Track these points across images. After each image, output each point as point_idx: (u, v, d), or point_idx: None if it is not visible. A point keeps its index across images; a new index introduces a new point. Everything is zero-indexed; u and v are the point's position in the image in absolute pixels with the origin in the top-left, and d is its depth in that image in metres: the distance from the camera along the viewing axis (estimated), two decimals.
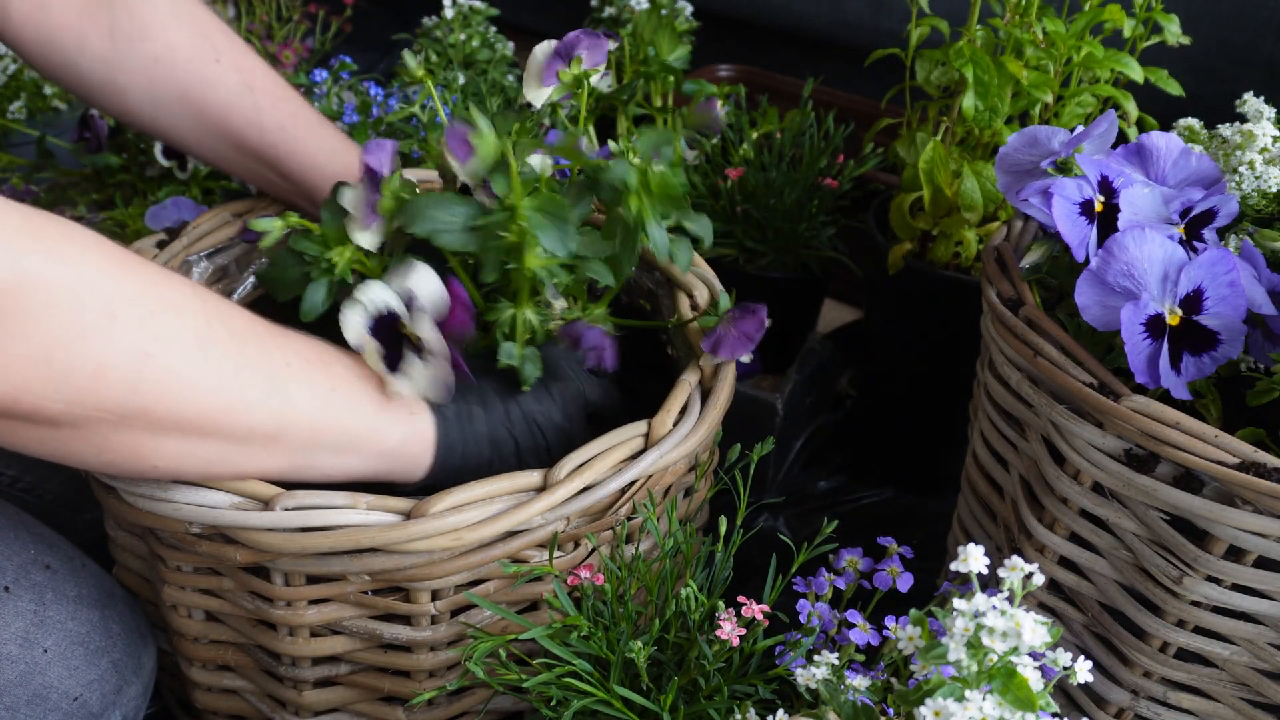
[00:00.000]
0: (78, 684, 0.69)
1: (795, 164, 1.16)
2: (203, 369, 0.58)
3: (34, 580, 0.70)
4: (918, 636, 0.54)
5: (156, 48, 0.80)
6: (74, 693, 0.69)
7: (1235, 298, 0.64)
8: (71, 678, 0.69)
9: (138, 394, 0.56)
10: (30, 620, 0.69)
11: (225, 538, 0.66)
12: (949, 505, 1.14)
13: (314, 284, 0.72)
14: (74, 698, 0.69)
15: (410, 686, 0.72)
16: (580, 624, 0.63)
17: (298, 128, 0.84)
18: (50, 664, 0.69)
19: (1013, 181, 0.76)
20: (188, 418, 0.58)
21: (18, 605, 0.69)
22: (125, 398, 0.55)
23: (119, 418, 0.56)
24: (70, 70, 0.80)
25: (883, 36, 1.62)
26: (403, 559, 0.65)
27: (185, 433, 0.59)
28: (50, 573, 0.71)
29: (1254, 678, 0.66)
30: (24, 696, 0.68)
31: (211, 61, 0.81)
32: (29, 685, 0.68)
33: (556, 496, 0.66)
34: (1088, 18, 0.92)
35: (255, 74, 0.83)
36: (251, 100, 0.83)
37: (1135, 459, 0.63)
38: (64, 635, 0.70)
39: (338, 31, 1.54)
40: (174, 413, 0.57)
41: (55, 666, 0.69)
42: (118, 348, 0.54)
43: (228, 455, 0.62)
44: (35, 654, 0.68)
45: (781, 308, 1.14)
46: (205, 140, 0.84)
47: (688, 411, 0.73)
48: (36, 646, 0.68)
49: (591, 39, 0.76)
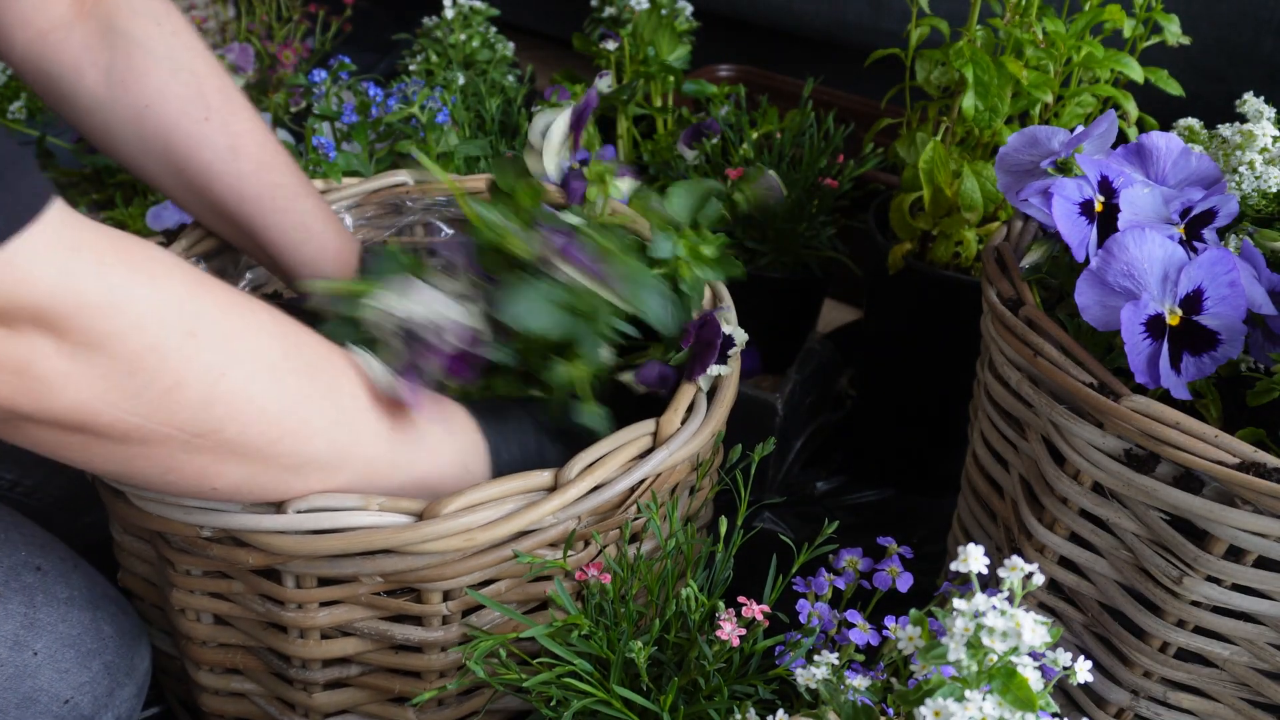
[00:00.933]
0: (69, 686, 0.69)
1: (795, 164, 1.16)
2: (271, 392, 0.59)
3: (24, 582, 0.70)
4: (918, 636, 0.54)
5: (148, 96, 0.78)
6: (65, 695, 0.69)
7: (1235, 298, 0.64)
8: (62, 680, 0.69)
9: (209, 411, 0.57)
10: (20, 623, 0.68)
11: (237, 541, 0.66)
12: (949, 505, 1.14)
13: None
14: (65, 700, 0.69)
15: (420, 687, 0.72)
16: (581, 623, 0.63)
17: (276, 200, 0.82)
18: (40, 667, 0.68)
19: (1013, 181, 0.76)
20: (252, 440, 0.59)
21: (7, 608, 0.68)
22: (196, 415, 0.56)
23: (190, 435, 0.57)
24: (67, 105, 0.79)
25: (883, 36, 1.62)
26: (415, 560, 0.65)
27: (248, 456, 0.60)
28: (41, 575, 0.71)
29: (1254, 678, 0.66)
30: (14, 700, 0.67)
31: (201, 119, 0.79)
32: (19, 688, 0.68)
33: (568, 495, 0.66)
34: (1088, 18, 0.92)
35: (244, 138, 0.81)
36: (235, 166, 0.81)
37: (1135, 459, 0.63)
38: (54, 638, 0.69)
39: (338, 31, 1.54)
40: (241, 434, 0.58)
41: (46, 669, 0.69)
42: (195, 365, 0.55)
43: (285, 481, 0.63)
44: (25, 656, 0.68)
45: (781, 308, 1.14)
46: (186, 197, 0.83)
47: (694, 410, 0.73)
48: (26, 649, 0.68)
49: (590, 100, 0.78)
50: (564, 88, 1.21)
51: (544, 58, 2.12)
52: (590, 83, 1.21)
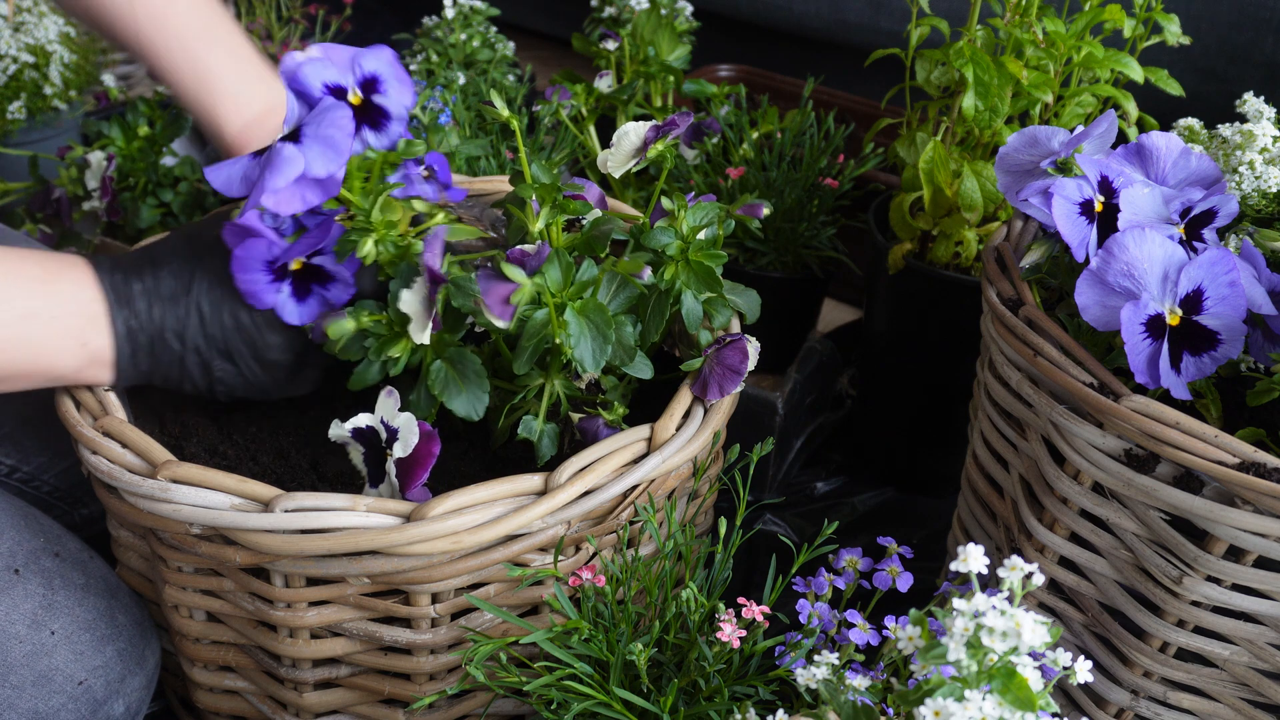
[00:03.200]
0: (83, 669, 0.70)
1: (795, 164, 1.16)
2: None
3: (43, 566, 0.71)
4: (918, 636, 0.54)
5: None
6: (79, 677, 0.70)
7: (1235, 298, 0.64)
8: (77, 662, 0.70)
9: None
10: (39, 603, 0.70)
11: (225, 539, 0.66)
12: (949, 505, 1.15)
13: (370, 361, 0.74)
14: (79, 681, 0.70)
15: (410, 689, 0.72)
16: (581, 627, 0.63)
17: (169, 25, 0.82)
18: (57, 646, 0.70)
19: (1013, 181, 0.76)
20: None
21: (27, 588, 0.69)
22: None
23: None
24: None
25: (883, 36, 1.62)
26: (402, 561, 0.65)
27: None
28: (59, 560, 0.72)
29: (1254, 678, 0.66)
30: (30, 677, 0.69)
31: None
32: (36, 666, 0.69)
33: (557, 500, 0.66)
34: (1088, 18, 0.92)
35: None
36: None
37: (1135, 459, 0.63)
38: (71, 620, 0.71)
39: (338, 31, 1.54)
40: None
41: (62, 649, 0.70)
42: None
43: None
44: (43, 635, 0.69)
45: (781, 308, 1.14)
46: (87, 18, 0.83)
47: (690, 416, 0.73)
48: (44, 628, 0.69)
49: (684, 119, 0.76)
50: (564, 88, 1.21)
51: (544, 58, 2.12)
52: (590, 83, 1.21)
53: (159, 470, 0.66)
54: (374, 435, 0.70)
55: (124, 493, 0.67)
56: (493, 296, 0.68)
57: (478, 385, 0.72)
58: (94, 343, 0.71)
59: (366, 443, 0.71)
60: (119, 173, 1.13)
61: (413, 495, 0.67)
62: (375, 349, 0.73)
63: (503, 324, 0.68)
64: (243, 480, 0.65)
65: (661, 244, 0.74)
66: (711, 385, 0.74)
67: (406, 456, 0.68)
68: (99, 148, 1.15)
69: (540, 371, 0.75)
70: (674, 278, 0.74)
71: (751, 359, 0.74)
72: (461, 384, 0.72)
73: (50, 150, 1.36)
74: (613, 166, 0.77)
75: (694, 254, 0.74)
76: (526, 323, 0.70)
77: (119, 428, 0.69)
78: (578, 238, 0.74)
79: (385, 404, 0.70)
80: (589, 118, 1.20)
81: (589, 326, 0.69)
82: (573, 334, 0.69)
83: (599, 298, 0.72)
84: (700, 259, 0.74)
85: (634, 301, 0.74)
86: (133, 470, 0.67)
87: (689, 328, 0.76)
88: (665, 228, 0.74)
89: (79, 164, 1.15)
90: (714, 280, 0.74)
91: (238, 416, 0.82)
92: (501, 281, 0.68)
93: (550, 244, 0.73)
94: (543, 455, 0.74)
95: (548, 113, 1.17)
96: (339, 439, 0.71)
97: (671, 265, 0.74)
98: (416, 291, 0.71)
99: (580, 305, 0.69)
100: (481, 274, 0.69)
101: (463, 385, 0.71)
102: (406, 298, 0.71)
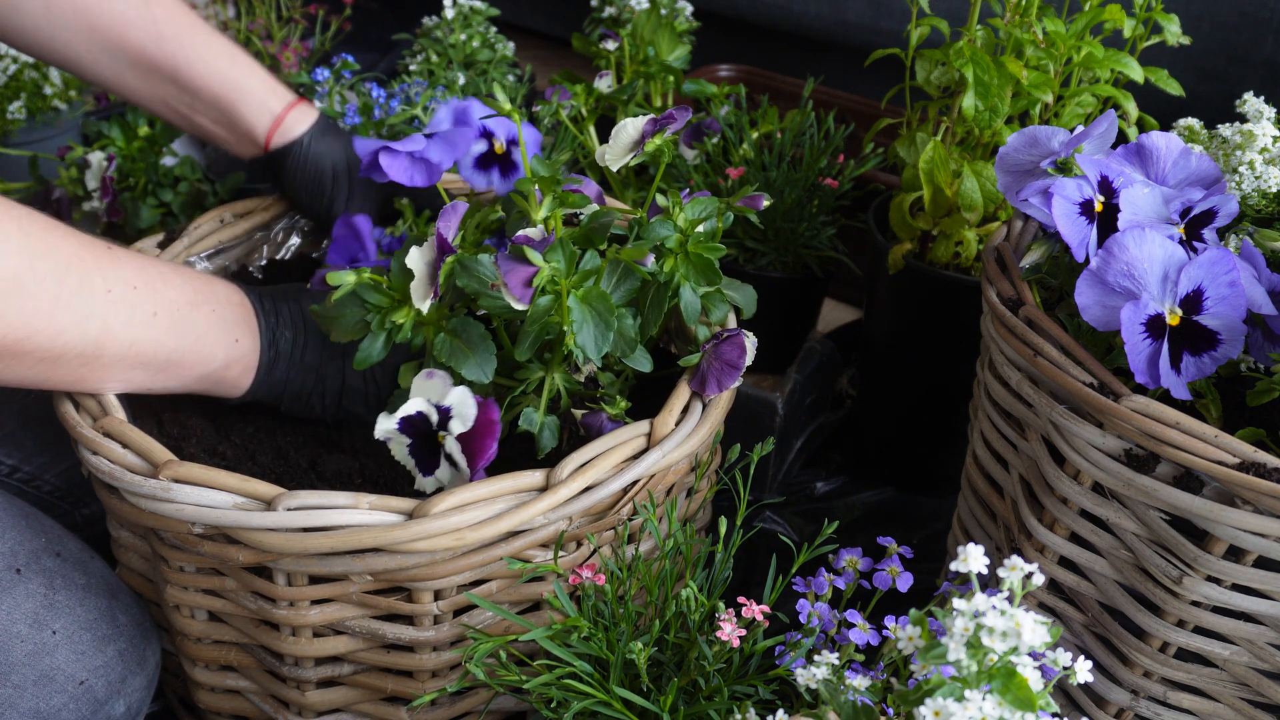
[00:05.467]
0: (84, 669, 0.70)
1: (795, 164, 1.16)
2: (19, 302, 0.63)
3: (44, 566, 0.71)
4: (918, 636, 0.54)
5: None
6: (80, 677, 0.70)
7: (1235, 298, 0.64)
8: (79, 662, 0.70)
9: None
10: (40, 602, 0.70)
11: (227, 538, 0.66)
12: (949, 505, 1.15)
13: (373, 334, 0.75)
14: (80, 681, 0.70)
15: (413, 687, 0.72)
16: (581, 625, 0.63)
17: (196, 36, 0.87)
18: (58, 645, 0.70)
19: (1013, 181, 0.76)
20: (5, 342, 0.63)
21: (28, 587, 0.70)
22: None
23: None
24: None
25: (883, 36, 1.62)
26: (405, 559, 0.65)
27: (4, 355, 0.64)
28: (61, 560, 0.72)
29: (1254, 678, 0.66)
30: (32, 676, 0.69)
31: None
32: (37, 665, 0.69)
33: (559, 496, 0.66)
34: (1088, 18, 0.92)
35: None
36: (149, 13, 0.85)
37: (1135, 459, 0.63)
38: (72, 619, 0.71)
39: (338, 31, 1.54)
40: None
41: (63, 649, 0.70)
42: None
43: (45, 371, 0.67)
44: (44, 635, 0.69)
45: (781, 308, 1.14)
46: (103, 59, 0.86)
47: (689, 412, 0.73)
48: (45, 628, 0.69)
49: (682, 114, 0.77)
50: (564, 88, 1.20)
51: (544, 58, 2.12)
52: (590, 83, 1.21)
53: (161, 470, 0.66)
54: (423, 421, 0.70)
55: (125, 493, 0.67)
56: (514, 278, 0.69)
57: (484, 349, 0.73)
58: (244, 341, 0.75)
59: (415, 432, 0.71)
60: (119, 173, 1.13)
61: (483, 469, 0.69)
62: (378, 320, 0.74)
63: (522, 306, 0.69)
64: (245, 479, 0.65)
65: (660, 236, 0.74)
66: (710, 380, 0.74)
67: (469, 430, 0.68)
68: (99, 148, 1.15)
69: (540, 365, 0.75)
70: (673, 270, 0.74)
71: (749, 354, 0.74)
72: (468, 350, 0.73)
73: (50, 150, 1.36)
74: (610, 159, 0.77)
75: (693, 246, 0.74)
76: (529, 308, 0.70)
77: (119, 428, 0.69)
78: (577, 231, 0.74)
79: (427, 386, 0.70)
80: (589, 118, 1.19)
81: (592, 314, 0.70)
82: (576, 320, 0.69)
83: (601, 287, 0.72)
84: (699, 251, 0.74)
85: (634, 294, 0.74)
86: (134, 470, 0.67)
87: (687, 321, 0.76)
88: (664, 221, 0.74)
89: (79, 164, 1.15)
90: (713, 272, 0.75)
91: (235, 417, 0.82)
92: (523, 264, 0.69)
93: None
94: (543, 448, 0.74)
95: (548, 113, 1.17)
96: (385, 434, 0.71)
97: (670, 257, 0.74)
98: (424, 254, 0.72)
99: (584, 293, 0.70)
100: (502, 257, 0.69)
101: (469, 351, 0.73)
102: (414, 255, 0.72)
